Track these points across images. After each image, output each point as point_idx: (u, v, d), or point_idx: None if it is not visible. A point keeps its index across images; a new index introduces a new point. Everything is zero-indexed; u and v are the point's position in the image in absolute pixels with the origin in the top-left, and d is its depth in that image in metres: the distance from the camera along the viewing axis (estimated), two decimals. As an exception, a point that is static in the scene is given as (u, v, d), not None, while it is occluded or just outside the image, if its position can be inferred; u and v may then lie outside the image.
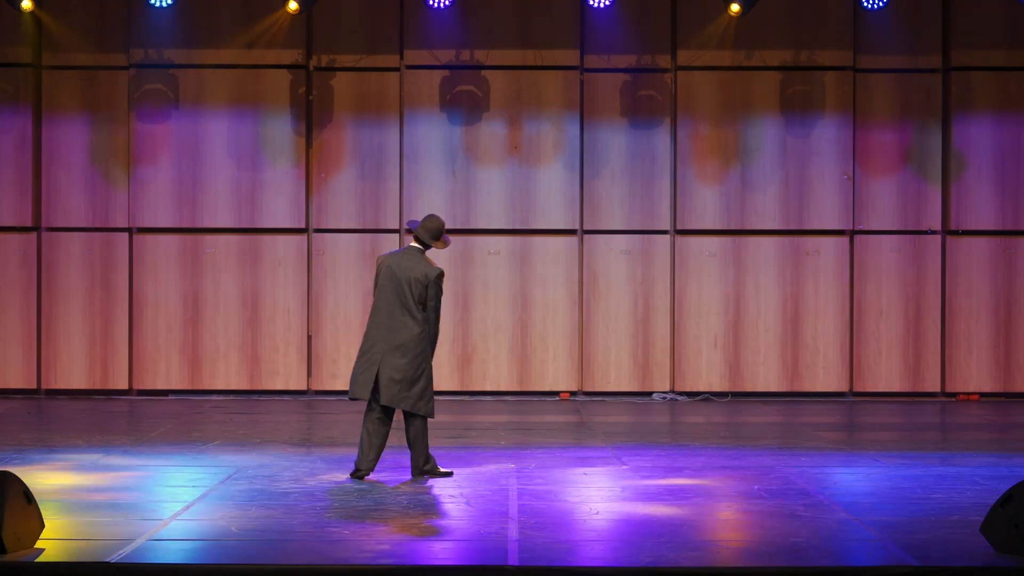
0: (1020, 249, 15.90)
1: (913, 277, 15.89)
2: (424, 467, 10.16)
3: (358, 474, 10.03)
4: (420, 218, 10.40)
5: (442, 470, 10.23)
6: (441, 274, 10.15)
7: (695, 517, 8.69)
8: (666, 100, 15.83)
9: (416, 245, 10.20)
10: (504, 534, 8.15)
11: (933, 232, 15.89)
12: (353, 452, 10.35)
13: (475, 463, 10.84)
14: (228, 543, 8.02)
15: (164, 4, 14.81)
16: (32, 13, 15.28)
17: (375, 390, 9.95)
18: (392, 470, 10.45)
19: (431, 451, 10.22)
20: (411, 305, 10.01)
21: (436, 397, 10.22)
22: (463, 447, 11.83)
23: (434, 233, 10.21)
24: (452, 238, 15.66)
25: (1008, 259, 15.90)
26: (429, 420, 10.21)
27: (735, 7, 14.88)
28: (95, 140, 15.77)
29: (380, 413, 10.04)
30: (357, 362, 10.12)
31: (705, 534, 8.19)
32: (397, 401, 9.96)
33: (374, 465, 10.07)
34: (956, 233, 15.88)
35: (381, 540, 8.04)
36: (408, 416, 10.09)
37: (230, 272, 15.79)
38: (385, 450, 10.20)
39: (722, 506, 9.10)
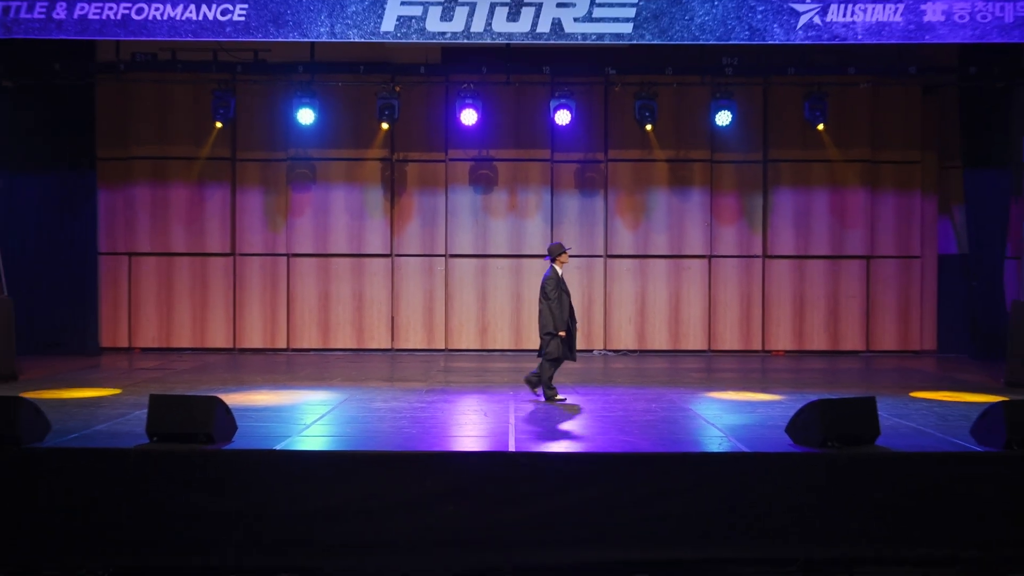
0: (808, 266, 15.91)
1: (746, 283, 15.89)
2: (536, 384, 9.92)
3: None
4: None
5: (558, 397, 9.85)
6: (549, 278, 9.62)
7: (620, 423, 8.73)
8: (601, 179, 15.84)
9: (550, 261, 9.74)
10: (506, 432, 8.19)
11: (757, 256, 15.89)
12: (415, 386, 10.33)
13: (489, 392, 10.86)
14: (344, 437, 8.07)
15: (307, 124, 14.80)
16: (227, 126, 15.32)
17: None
18: (438, 395, 10.47)
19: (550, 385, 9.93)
20: (541, 296, 9.67)
21: (466, 353, 10.19)
22: (483, 383, 11.86)
23: (551, 252, 9.76)
24: (476, 260, 15.83)
25: (801, 272, 15.90)
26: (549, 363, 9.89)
27: (648, 126, 14.92)
28: (267, 202, 15.76)
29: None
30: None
31: (625, 432, 8.22)
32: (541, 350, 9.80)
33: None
34: (771, 257, 15.89)
35: (436, 436, 8.08)
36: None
37: (346, 280, 15.79)
38: (435, 385, 10.08)
39: (635, 416, 9.14)
